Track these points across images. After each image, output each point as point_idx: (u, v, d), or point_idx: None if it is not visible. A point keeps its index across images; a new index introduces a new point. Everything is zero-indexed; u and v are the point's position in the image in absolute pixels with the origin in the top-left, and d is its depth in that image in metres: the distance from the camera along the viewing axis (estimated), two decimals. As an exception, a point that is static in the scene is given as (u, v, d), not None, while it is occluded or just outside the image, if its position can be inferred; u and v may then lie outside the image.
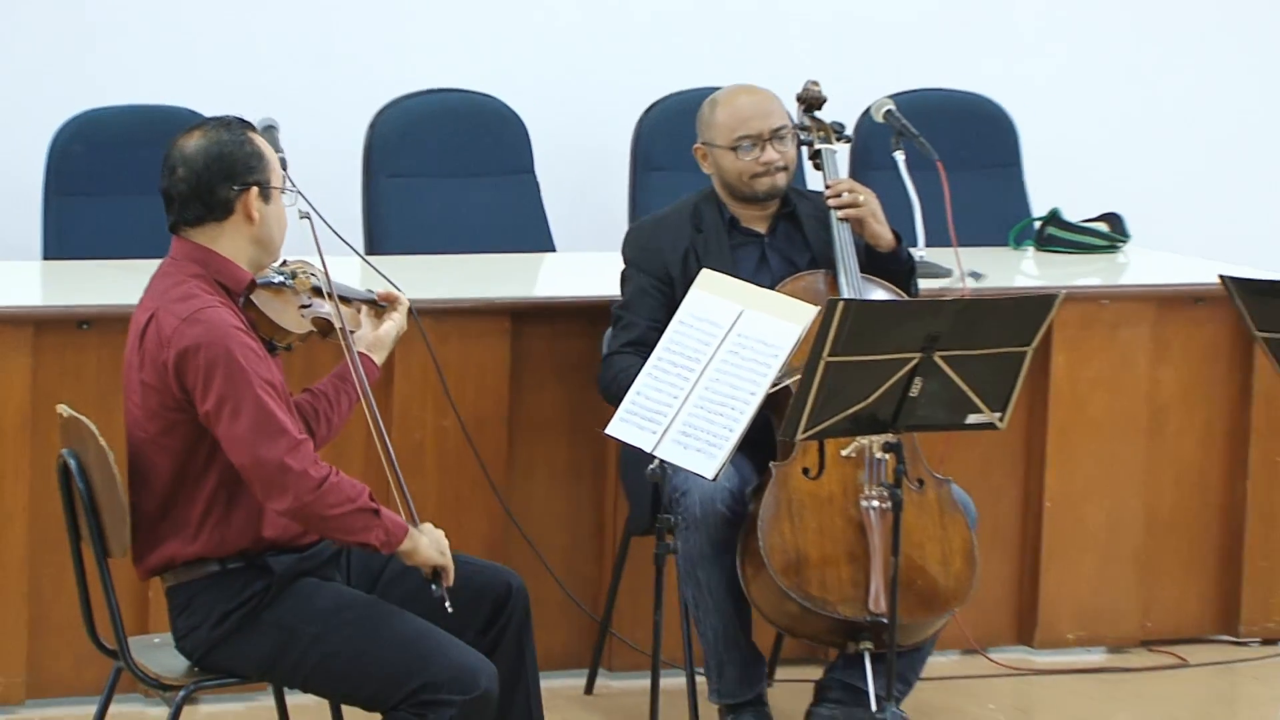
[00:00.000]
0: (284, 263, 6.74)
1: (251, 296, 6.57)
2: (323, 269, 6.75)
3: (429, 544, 6.53)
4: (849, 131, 8.59)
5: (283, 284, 6.69)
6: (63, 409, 6.71)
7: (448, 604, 6.56)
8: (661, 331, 7.52)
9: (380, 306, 6.92)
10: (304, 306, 6.70)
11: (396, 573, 6.79)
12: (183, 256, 6.56)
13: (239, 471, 6.43)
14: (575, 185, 9.93)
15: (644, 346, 7.75)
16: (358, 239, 9.00)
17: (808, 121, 8.35)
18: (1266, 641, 9.36)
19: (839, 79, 8.77)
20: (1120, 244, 9.89)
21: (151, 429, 6.45)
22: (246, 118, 7.11)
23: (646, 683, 7.23)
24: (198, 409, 6.36)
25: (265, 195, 6.53)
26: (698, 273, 7.67)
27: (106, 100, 9.54)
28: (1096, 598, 9.25)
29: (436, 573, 6.52)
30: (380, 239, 9.39)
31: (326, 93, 9.47)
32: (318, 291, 6.72)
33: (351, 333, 6.72)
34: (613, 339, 8.24)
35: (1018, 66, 10.66)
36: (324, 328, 6.71)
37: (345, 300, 6.80)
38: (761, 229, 8.26)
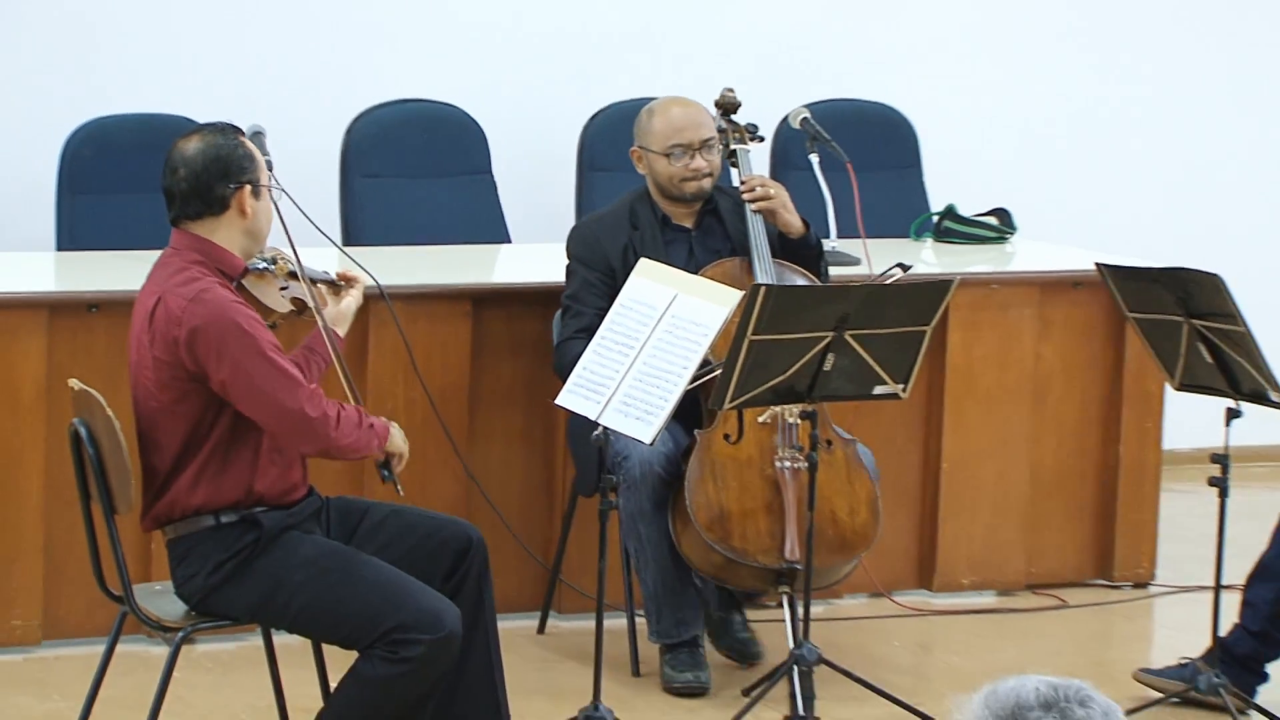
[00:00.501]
0: (262, 251, 6.87)
1: (242, 281, 6.69)
2: (294, 255, 6.87)
3: (399, 436, 6.82)
4: (769, 138, 8.64)
5: (265, 269, 6.83)
6: (74, 383, 6.86)
7: (399, 488, 6.86)
8: (598, 319, 7.66)
9: (339, 286, 7.02)
10: (283, 289, 6.87)
11: (370, 527, 6.93)
12: (184, 246, 6.69)
13: (263, 427, 6.64)
14: (528, 185, 9.95)
15: (592, 333, 7.72)
16: (335, 232, 9.03)
17: (724, 124, 8.42)
18: (1137, 585, 9.43)
19: (761, 89, 8.86)
20: (1008, 235, 9.95)
21: (165, 398, 6.57)
22: (237, 124, 7.26)
23: (592, 623, 7.31)
24: (212, 379, 6.51)
25: (256, 193, 6.69)
26: (639, 250, 8.03)
27: (112, 109, 9.55)
28: (987, 547, 9.34)
29: (388, 461, 6.78)
30: (356, 232, 9.44)
31: (308, 102, 9.50)
32: (292, 275, 6.89)
33: (319, 310, 6.85)
34: (563, 327, 8.31)
35: (918, 78, 10.67)
36: (300, 306, 6.88)
37: (313, 281, 6.90)
38: (689, 224, 8.37)
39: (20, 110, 9.65)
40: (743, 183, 8.30)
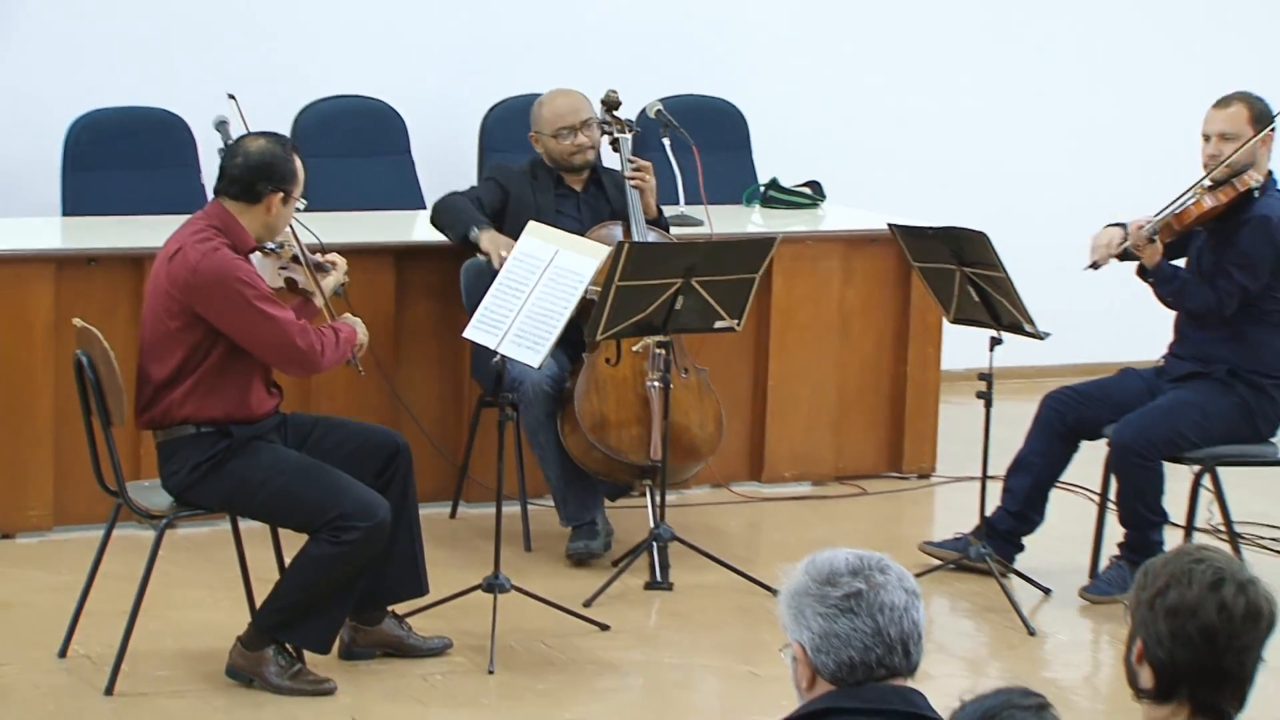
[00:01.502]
0: (281, 241, 7.03)
1: (250, 255, 6.81)
2: (298, 244, 7.03)
3: (362, 331, 7.04)
4: (633, 122, 8.67)
5: (272, 250, 6.92)
6: (77, 321, 7.00)
7: (360, 370, 7.14)
8: (486, 205, 8.19)
9: (327, 268, 7.10)
10: (282, 268, 6.97)
11: (318, 436, 7.06)
12: (214, 213, 6.83)
13: (263, 359, 6.85)
14: (439, 163, 9.90)
15: (475, 199, 8.33)
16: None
17: (608, 118, 8.46)
18: (921, 476, 9.51)
19: (627, 84, 8.86)
20: (819, 202, 9.97)
21: (173, 325, 6.70)
22: (211, 114, 7.58)
23: (493, 510, 7.36)
24: (217, 320, 6.68)
25: (285, 200, 6.80)
26: (530, 200, 8.17)
27: (104, 102, 9.56)
28: (804, 447, 9.40)
29: (356, 351, 7.02)
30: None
31: (265, 96, 9.41)
32: (295, 260, 6.97)
33: (310, 287, 7.03)
34: (457, 197, 8.45)
35: (749, 75, 10.63)
36: (291, 285, 7.03)
37: (310, 266, 7.02)
38: (578, 188, 8.48)
39: (30, 104, 9.60)
40: (630, 162, 8.36)
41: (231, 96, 7.46)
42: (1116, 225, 7.88)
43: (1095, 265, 7.88)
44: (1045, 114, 11.26)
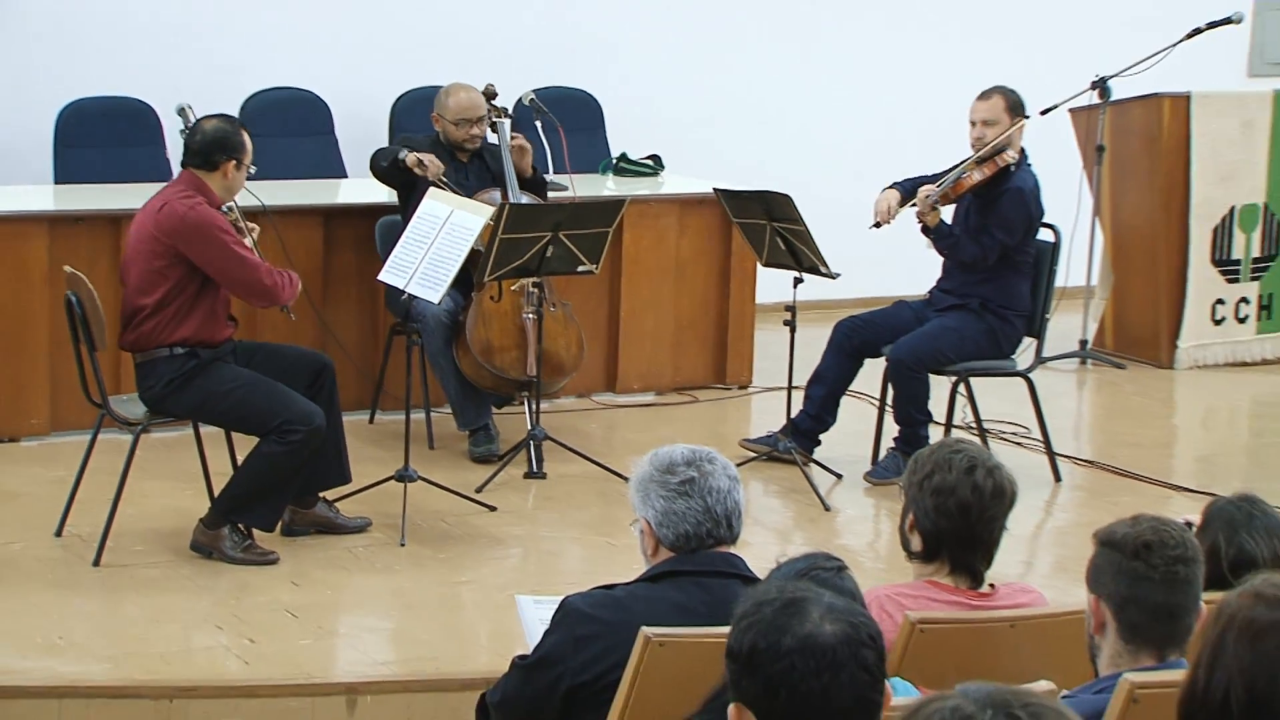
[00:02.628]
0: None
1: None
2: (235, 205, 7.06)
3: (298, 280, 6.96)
4: (510, 110, 8.64)
5: (224, 212, 6.94)
6: (67, 268, 6.99)
7: (291, 315, 7.16)
8: (410, 148, 8.12)
9: (246, 231, 7.08)
10: (232, 223, 6.97)
11: (262, 359, 7.05)
12: (187, 179, 6.87)
13: (232, 290, 6.89)
14: (356, 142, 9.84)
15: (400, 144, 8.28)
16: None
17: (490, 106, 8.42)
18: (740, 387, 9.51)
19: (506, 77, 8.83)
20: (659, 171, 9.97)
21: (158, 263, 6.72)
22: (175, 102, 7.49)
23: (403, 416, 7.36)
24: (198, 260, 6.71)
25: (238, 167, 6.82)
26: (429, 158, 8.06)
27: (88, 91, 9.52)
28: (649, 364, 9.40)
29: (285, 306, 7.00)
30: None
31: (220, 87, 9.39)
32: (236, 221, 7.03)
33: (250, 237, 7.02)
34: (385, 150, 8.43)
35: (602, 69, 10.61)
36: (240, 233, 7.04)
37: (244, 224, 7.04)
38: (465, 160, 8.43)
39: (25, 94, 9.54)
40: (512, 138, 8.34)
41: (185, 107, 7.56)
42: (892, 188, 8.00)
43: (878, 225, 7.98)
44: (844, 97, 11.21)
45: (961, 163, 7.93)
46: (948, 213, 8.04)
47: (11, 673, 5.82)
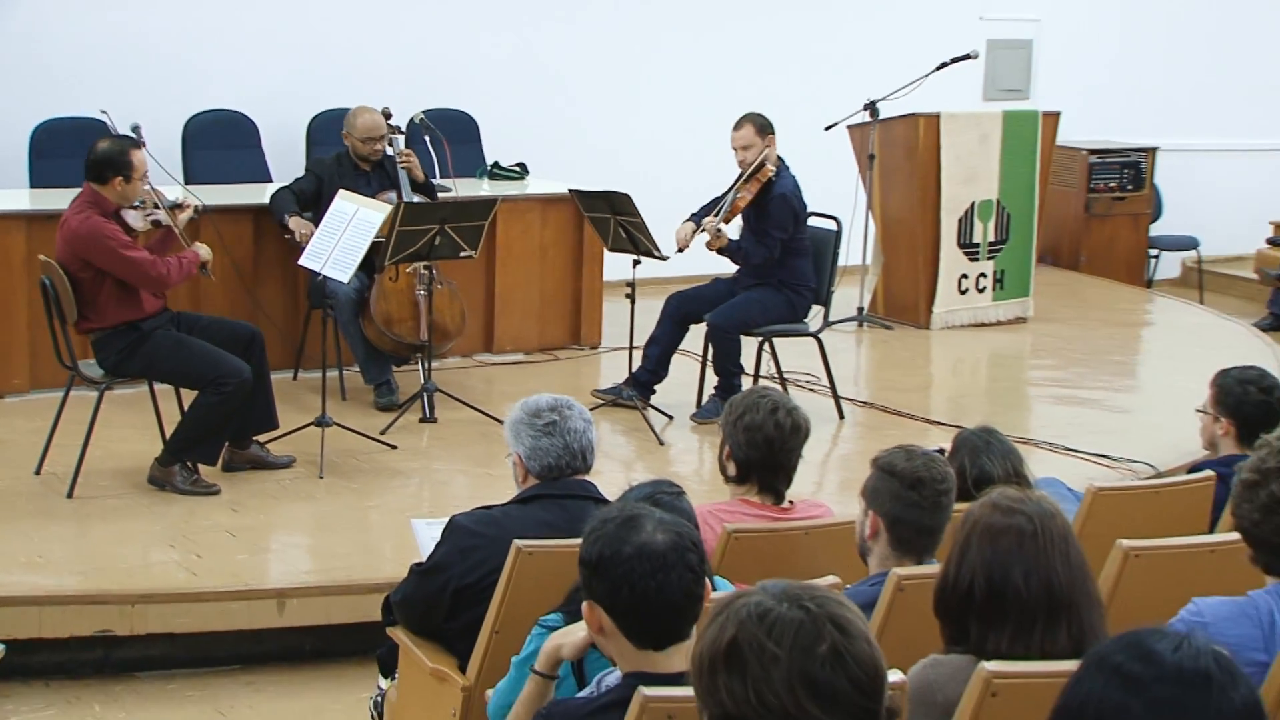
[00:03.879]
0: (144, 198, 6.78)
1: (120, 213, 6.66)
2: (154, 195, 6.82)
3: (205, 252, 6.80)
4: (403, 128, 8.55)
5: (138, 206, 6.77)
6: (42, 257, 6.83)
7: (211, 276, 6.99)
8: (302, 194, 8.15)
9: (179, 208, 6.89)
10: (147, 215, 6.82)
11: (200, 327, 6.90)
12: (85, 193, 6.67)
13: (130, 283, 6.60)
14: (280, 154, 9.75)
15: (296, 191, 8.19)
16: (180, 176, 8.82)
17: (387, 125, 8.32)
18: (592, 347, 9.47)
19: (400, 100, 8.76)
20: (525, 176, 9.92)
21: (73, 267, 6.58)
22: (134, 121, 7.39)
23: (319, 373, 7.29)
24: (95, 264, 6.51)
25: (127, 179, 6.59)
26: (338, 179, 8.01)
27: (57, 112, 9.31)
28: (520, 328, 9.34)
29: (204, 265, 6.78)
30: (191, 178, 9.20)
31: (166, 110, 9.22)
32: (156, 207, 6.79)
33: (170, 224, 6.79)
34: (283, 194, 8.29)
35: (477, 94, 10.55)
36: (156, 225, 6.84)
37: (168, 208, 6.82)
38: (368, 169, 8.30)
39: (4, 113, 9.32)
40: (401, 154, 8.24)
41: (104, 111, 7.57)
42: (689, 220, 8.07)
43: (680, 250, 8.00)
44: (676, 114, 11.18)
45: (733, 185, 7.95)
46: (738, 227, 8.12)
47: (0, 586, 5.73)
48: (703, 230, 7.90)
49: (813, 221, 8.11)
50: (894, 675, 2.45)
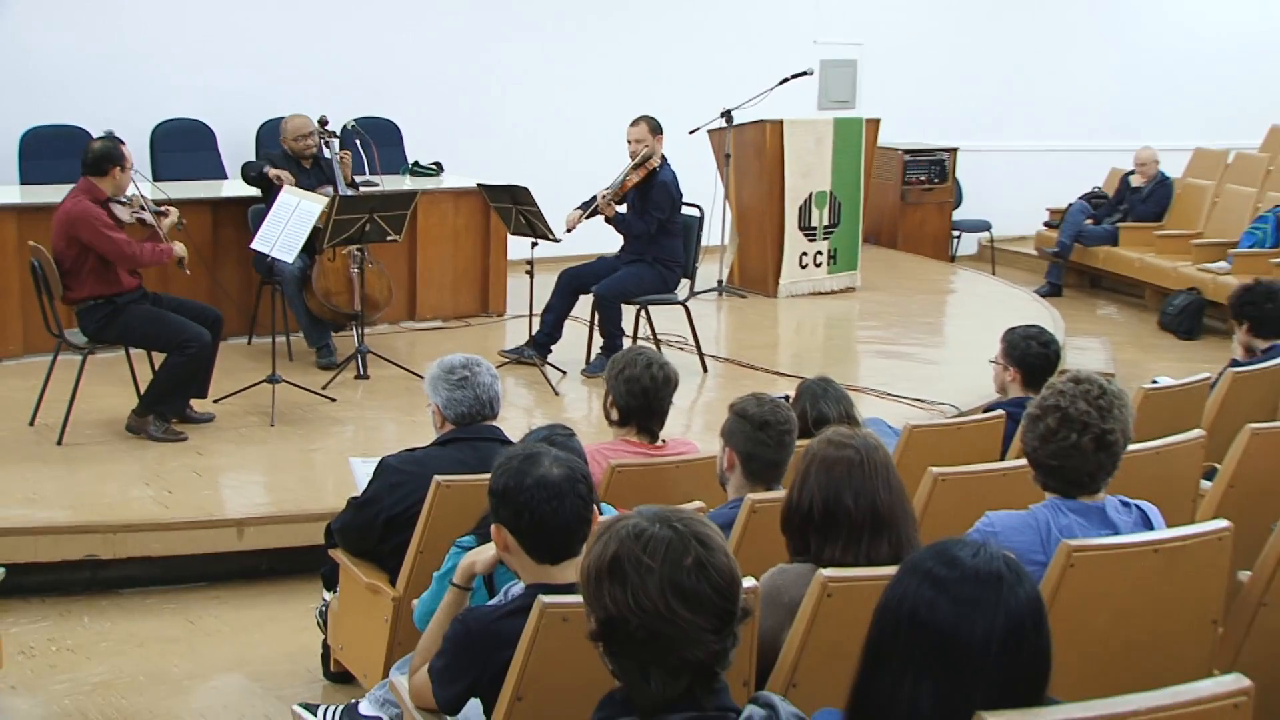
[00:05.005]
0: (130, 196, 6.64)
1: (109, 204, 6.48)
2: (141, 199, 6.67)
3: (180, 249, 6.59)
4: (338, 133, 8.43)
5: (124, 202, 6.65)
6: (31, 243, 6.65)
7: (186, 270, 6.71)
8: (272, 161, 7.95)
9: (162, 213, 6.74)
10: (134, 213, 6.69)
11: (169, 305, 6.74)
12: (81, 184, 6.49)
13: (109, 259, 6.43)
14: (233, 155, 9.58)
15: (263, 159, 8.04)
16: (149, 175, 8.65)
17: (322, 131, 8.21)
18: (498, 315, 9.37)
19: (334, 109, 8.65)
20: (441, 172, 9.81)
21: (61, 244, 6.43)
22: (108, 127, 7.10)
23: (269, 339, 7.15)
24: (84, 242, 6.34)
25: (122, 170, 6.47)
26: (285, 171, 7.86)
27: (42, 120, 9.12)
28: (438, 298, 9.24)
29: (180, 261, 6.59)
30: (159, 176, 9.07)
31: (136, 117, 9.04)
32: (141, 209, 6.67)
33: (154, 225, 6.63)
34: (252, 163, 8.17)
35: (399, 103, 10.44)
36: (142, 224, 6.70)
37: (152, 211, 6.68)
38: (307, 166, 8.15)
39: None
40: (339, 155, 8.12)
41: (110, 131, 7.18)
42: (578, 208, 7.99)
43: (569, 230, 7.96)
44: (572, 116, 11.10)
45: (624, 170, 7.96)
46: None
47: (1, 520, 5.63)
48: (597, 202, 7.86)
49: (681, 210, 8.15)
50: (748, 581, 2.46)
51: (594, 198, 8.02)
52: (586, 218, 7.94)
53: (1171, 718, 2.20)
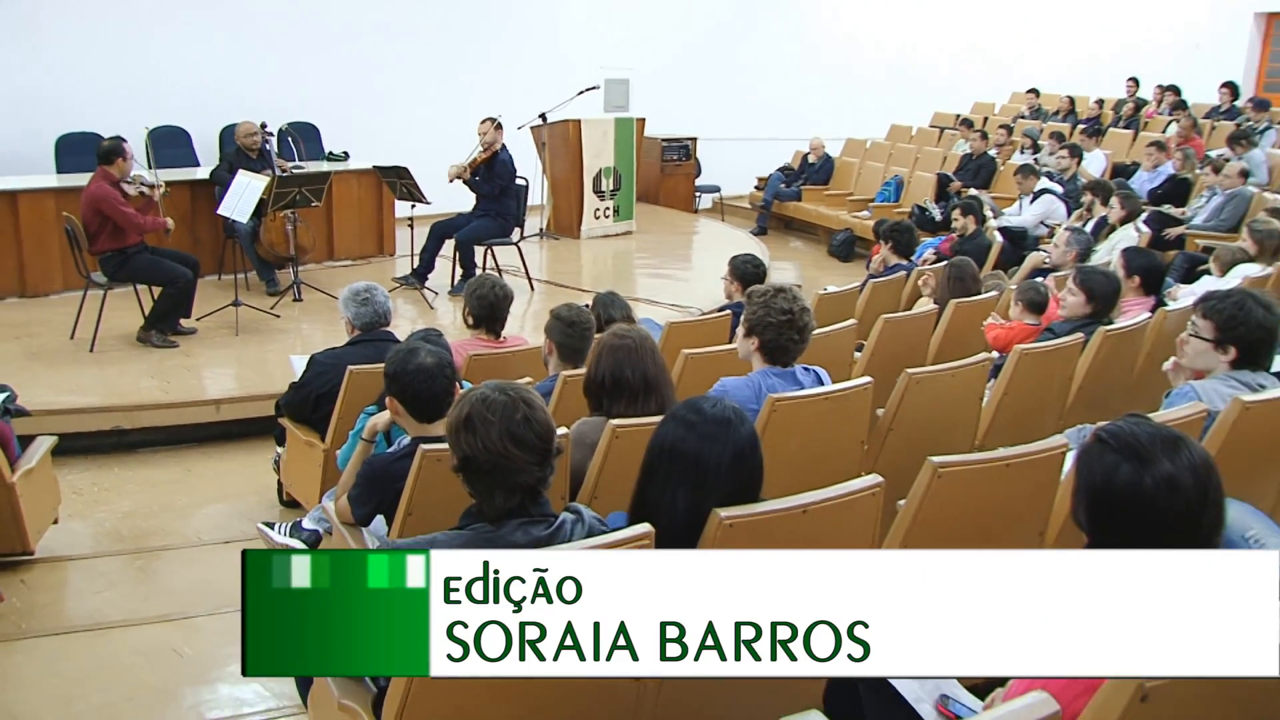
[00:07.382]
0: (138, 174, 6.48)
1: (120, 184, 6.30)
2: (140, 179, 6.48)
3: (170, 222, 6.38)
4: (275, 134, 8.15)
5: (129, 180, 6.42)
6: (65, 213, 6.42)
7: (168, 233, 6.47)
8: (232, 163, 7.52)
9: (154, 188, 6.55)
10: (138, 188, 6.48)
11: (164, 255, 6.55)
12: (100, 172, 6.30)
13: (120, 225, 6.24)
14: (205, 151, 9.20)
15: (228, 161, 7.63)
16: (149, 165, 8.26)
17: (265, 132, 7.91)
18: (390, 255, 9.08)
19: (272, 115, 8.36)
20: (348, 158, 9.33)
21: (87, 214, 6.21)
22: (119, 135, 6.81)
23: (233, 276, 7.00)
24: (103, 212, 6.12)
25: (125, 159, 6.25)
26: (240, 163, 7.53)
27: (71, 128, 8.65)
28: (346, 244, 8.90)
29: (168, 230, 6.41)
30: (156, 166, 8.56)
31: (135, 124, 8.59)
32: (142, 184, 6.41)
33: (150, 195, 6.44)
34: (216, 170, 7.87)
35: (316, 107, 10.02)
36: (143, 195, 6.46)
37: (147, 185, 6.44)
38: (254, 158, 7.85)
39: (37, 126, 8.61)
40: (273, 150, 7.86)
41: (118, 136, 6.83)
42: (454, 165, 7.86)
43: (451, 180, 7.86)
44: (447, 108, 10.70)
45: (474, 151, 7.90)
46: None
47: (49, 404, 5.51)
48: (457, 169, 7.83)
49: (517, 180, 8.12)
50: (561, 430, 2.46)
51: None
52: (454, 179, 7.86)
53: (834, 504, 2.26)
